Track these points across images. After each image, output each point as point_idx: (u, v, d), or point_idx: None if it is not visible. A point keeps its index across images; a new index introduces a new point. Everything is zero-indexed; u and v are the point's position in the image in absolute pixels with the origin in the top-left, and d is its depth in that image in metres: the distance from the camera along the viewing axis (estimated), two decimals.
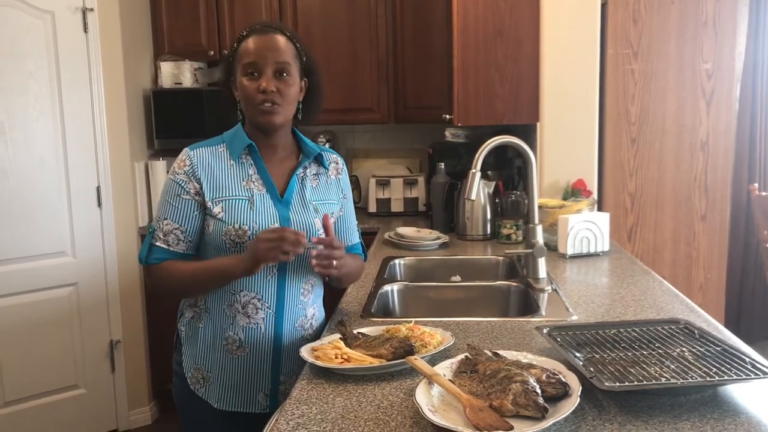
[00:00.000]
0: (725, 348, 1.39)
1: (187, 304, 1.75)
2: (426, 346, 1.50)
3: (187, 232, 1.65)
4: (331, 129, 4.01)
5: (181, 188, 1.64)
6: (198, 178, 1.64)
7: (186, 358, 1.74)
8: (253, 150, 1.69)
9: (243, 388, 1.71)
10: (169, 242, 1.65)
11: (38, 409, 3.23)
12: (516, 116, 2.97)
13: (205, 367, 1.71)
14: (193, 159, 1.65)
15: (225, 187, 1.65)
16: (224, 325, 1.68)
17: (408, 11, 3.66)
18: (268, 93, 1.61)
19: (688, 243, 3.18)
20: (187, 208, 1.64)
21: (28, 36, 3.09)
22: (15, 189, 3.10)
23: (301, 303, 1.75)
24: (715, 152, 3.14)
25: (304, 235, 1.54)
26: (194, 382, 1.72)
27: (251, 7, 3.73)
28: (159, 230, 1.65)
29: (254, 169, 1.69)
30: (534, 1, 2.91)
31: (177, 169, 1.66)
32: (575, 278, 2.28)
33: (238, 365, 1.70)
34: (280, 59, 1.63)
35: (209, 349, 1.70)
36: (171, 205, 1.65)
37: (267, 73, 1.62)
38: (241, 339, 1.68)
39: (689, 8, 3.07)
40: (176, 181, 1.65)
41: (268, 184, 1.69)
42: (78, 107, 3.26)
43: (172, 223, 1.64)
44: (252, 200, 1.65)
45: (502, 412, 1.15)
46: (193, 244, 1.68)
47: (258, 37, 1.65)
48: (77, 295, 3.33)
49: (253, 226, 1.62)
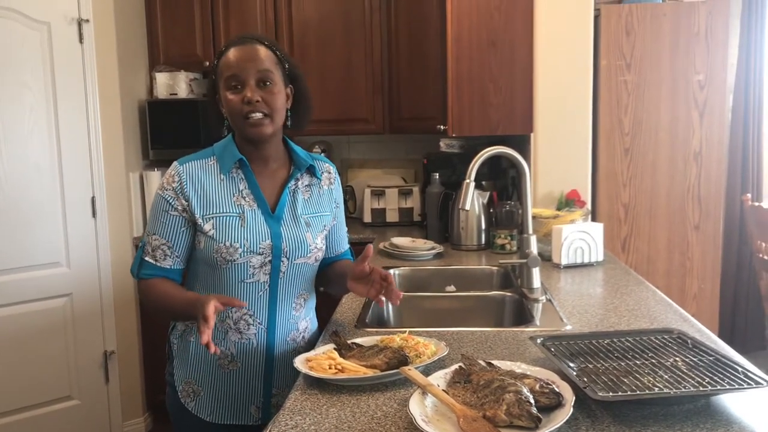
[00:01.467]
0: (718, 357, 1.39)
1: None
2: (420, 357, 1.51)
3: (174, 247, 1.64)
4: (326, 139, 4.02)
5: (168, 204, 1.62)
6: (186, 195, 1.62)
7: (177, 371, 1.73)
8: (243, 164, 1.67)
9: (235, 402, 1.71)
10: (156, 257, 1.64)
11: (31, 420, 3.21)
12: (510, 127, 2.99)
13: (196, 381, 1.70)
14: (182, 175, 1.63)
15: (215, 204, 1.63)
16: (216, 341, 1.65)
17: (403, 22, 3.67)
18: (253, 103, 1.58)
19: (682, 253, 3.19)
20: (175, 224, 1.63)
21: (24, 46, 3.09)
22: (9, 199, 3.09)
23: (293, 317, 1.74)
24: (708, 162, 3.16)
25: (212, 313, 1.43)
26: (185, 395, 1.71)
27: (246, 17, 3.74)
28: (148, 245, 1.64)
29: (245, 184, 1.67)
30: (528, 13, 2.93)
31: (165, 185, 1.64)
32: (569, 288, 2.28)
33: (230, 379, 1.69)
34: (261, 67, 1.60)
35: (201, 363, 1.70)
36: (159, 221, 1.63)
37: (250, 83, 1.59)
38: (233, 354, 1.67)
39: (682, 20, 3.10)
40: (164, 197, 1.63)
41: (259, 200, 1.66)
42: (73, 118, 3.26)
43: (159, 238, 1.63)
44: (243, 216, 1.63)
45: (495, 422, 1.15)
46: (180, 259, 1.66)
47: (236, 49, 1.62)
48: (71, 306, 3.31)
49: (244, 243, 1.61)
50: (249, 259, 1.61)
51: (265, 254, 1.63)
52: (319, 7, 3.75)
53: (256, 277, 1.64)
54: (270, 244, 1.63)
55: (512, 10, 2.93)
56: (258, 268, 1.64)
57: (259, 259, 1.63)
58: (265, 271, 1.65)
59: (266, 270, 1.65)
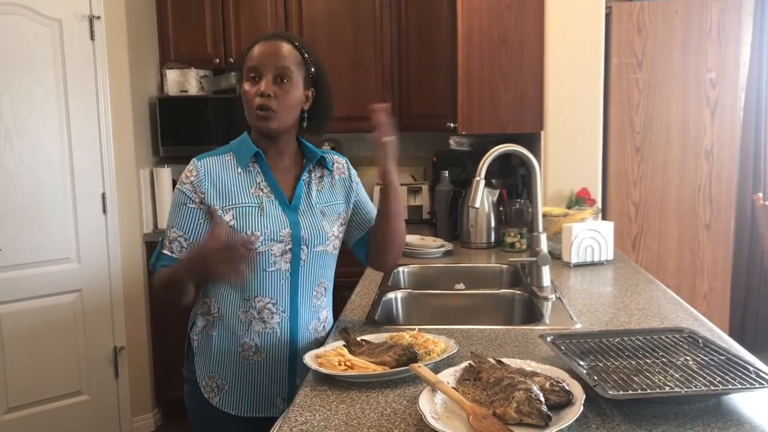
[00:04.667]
0: (729, 357, 1.38)
1: (198, 313, 1.76)
2: (429, 354, 1.51)
3: (191, 239, 1.66)
4: (336, 137, 4.02)
5: (186, 197, 1.66)
6: (204, 188, 1.65)
7: (199, 366, 1.74)
8: (260, 157, 1.71)
9: (261, 394, 1.72)
10: (173, 249, 1.66)
11: (42, 415, 3.24)
12: (520, 125, 2.98)
13: (220, 375, 1.72)
14: (200, 169, 1.67)
15: (234, 195, 1.66)
16: (239, 332, 1.69)
17: (413, 20, 3.67)
18: (264, 96, 1.62)
19: (693, 252, 3.17)
20: (192, 216, 1.66)
21: (36, 43, 3.11)
22: (20, 195, 3.11)
23: (315, 306, 1.77)
24: (720, 161, 3.14)
25: (249, 242, 1.54)
26: (208, 390, 1.73)
27: (257, 15, 3.75)
28: (167, 237, 1.67)
29: (262, 177, 1.71)
30: (539, 11, 2.92)
31: (184, 179, 1.68)
32: (579, 287, 2.27)
33: (255, 371, 1.71)
34: (281, 64, 1.64)
35: (224, 357, 1.71)
36: (177, 214, 1.67)
37: (267, 77, 1.64)
38: (257, 344, 1.70)
39: (693, 17, 3.08)
40: (182, 190, 1.67)
41: (276, 191, 1.70)
42: (84, 114, 3.28)
43: (177, 230, 1.66)
44: (262, 206, 1.67)
45: (505, 420, 1.14)
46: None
47: (263, 43, 1.67)
48: (81, 302, 3.33)
49: (264, 231, 1.64)
50: (270, 247, 1.65)
51: (285, 242, 1.67)
52: (329, 4, 3.75)
53: (277, 265, 1.67)
54: (289, 232, 1.67)
55: (523, 8, 2.92)
56: (279, 257, 1.67)
57: (280, 247, 1.66)
58: (286, 260, 1.68)
59: (287, 258, 1.68)
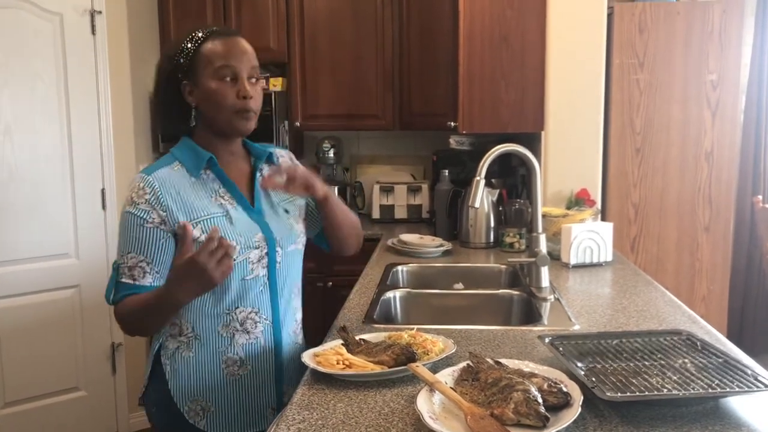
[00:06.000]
0: (727, 360, 1.38)
1: (167, 335, 1.63)
2: (428, 354, 1.50)
3: (153, 262, 1.53)
4: (336, 135, 4.01)
5: (142, 219, 1.52)
6: (164, 205, 1.52)
7: (177, 392, 1.63)
8: (212, 163, 1.61)
9: (250, 408, 1.65)
10: (134, 276, 1.53)
11: (38, 410, 3.23)
12: (521, 125, 2.98)
13: (204, 397, 1.63)
14: (154, 184, 1.53)
15: (197, 208, 1.56)
16: (222, 348, 1.61)
17: (414, 18, 3.67)
18: (248, 99, 1.56)
19: (692, 254, 3.17)
20: (152, 237, 1.53)
21: (37, 37, 3.10)
22: (20, 189, 3.10)
23: (293, 308, 1.74)
24: (720, 163, 3.14)
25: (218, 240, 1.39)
26: (193, 415, 1.63)
27: (258, 11, 3.74)
28: (124, 266, 1.54)
29: (218, 183, 1.62)
30: (540, 10, 2.91)
31: (136, 199, 1.53)
32: (578, 288, 2.27)
33: (241, 386, 1.64)
34: (254, 64, 1.60)
35: (206, 378, 1.62)
36: (133, 238, 1.53)
37: (243, 77, 1.57)
38: (241, 358, 1.62)
39: (695, 19, 3.07)
40: (134, 213, 1.52)
41: (237, 196, 1.63)
42: (84, 109, 3.27)
43: (136, 255, 1.52)
44: (228, 215, 1.59)
45: (503, 420, 1.15)
46: (160, 275, 1.55)
47: (227, 39, 1.59)
48: (80, 297, 3.33)
49: (239, 240, 1.56)
50: (247, 255, 1.58)
51: (261, 247, 1.61)
52: (330, 2, 3.75)
53: (255, 272, 1.61)
54: (263, 236, 1.61)
55: (525, 7, 2.91)
56: (256, 263, 1.61)
57: (257, 253, 1.60)
58: (263, 265, 1.62)
59: (264, 263, 1.62)
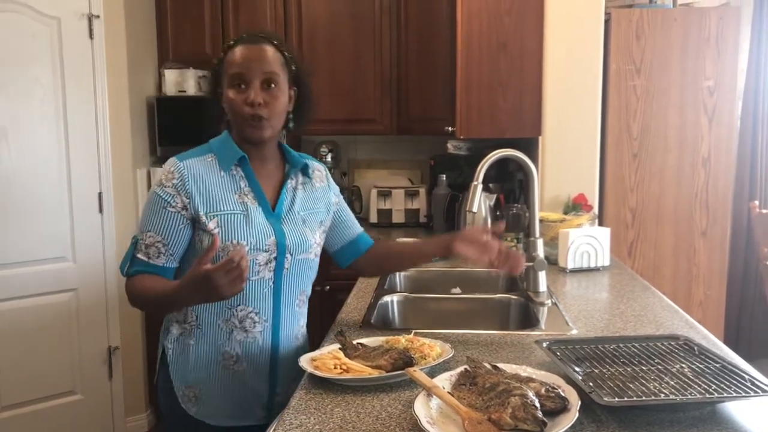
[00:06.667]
0: (724, 365, 1.38)
1: (173, 321, 1.69)
2: (425, 358, 1.50)
3: (169, 245, 1.59)
4: (334, 139, 4.02)
5: (166, 202, 1.58)
6: (188, 192, 1.58)
7: (175, 376, 1.68)
8: (244, 162, 1.65)
9: (240, 403, 1.68)
10: (149, 254, 1.59)
11: (35, 414, 3.22)
12: (518, 130, 2.98)
13: (198, 385, 1.66)
14: (183, 171, 1.59)
15: (219, 201, 1.60)
16: (220, 341, 1.64)
17: (413, 23, 3.68)
18: (256, 106, 1.57)
19: (689, 259, 3.18)
20: (172, 221, 1.58)
21: (34, 42, 3.10)
22: (17, 192, 3.10)
23: (296, 314, 1.74)
24: (716, 169, 3.14)
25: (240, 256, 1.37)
26: (186, 400, 1.67)
27: (257, 15, 3.75)
28: (142, 242, 1.59)
29: (245, 182, 1.65)
30: (538, 16, 2.92)
31: (164, 182, 1.59)
32: (575, 292, 2.28)
33: (235, 380, 1.67)
34: (268, 69, 1.59)
35: (203, 366, 1.66)
36: (155, 218, 1.59)
37: (254, 84, 1.58)
38: (238, 354, 1.65)
39: (692, 25, 3.08)
40: (161, 194, 1.59)
41: (260, 198, 1.66)
42: (82, 113, 3.27)
43: (155, 235, 1.58)
44: (247, 214, 1.62)
45: (500, 425, 1.14)
46: (174, 258, 1.62)
47: (245, 47, 1.61)
48: (76, 301, 3.32)
49: (250, 240, 1.59)
50: (255, 256, 1.60)
51: (270, 251, 1.62)
52: (329, 6, 3.75)
53: (261, 274, 1.63)
54: (274, 241, 1.63)
55: (523, 13, 2.92)
56: (263, 266, 1.62)
57: (265, 256, 1.62)
58: (269, 268, 1.64)
59: (271, 267, 1.64)
